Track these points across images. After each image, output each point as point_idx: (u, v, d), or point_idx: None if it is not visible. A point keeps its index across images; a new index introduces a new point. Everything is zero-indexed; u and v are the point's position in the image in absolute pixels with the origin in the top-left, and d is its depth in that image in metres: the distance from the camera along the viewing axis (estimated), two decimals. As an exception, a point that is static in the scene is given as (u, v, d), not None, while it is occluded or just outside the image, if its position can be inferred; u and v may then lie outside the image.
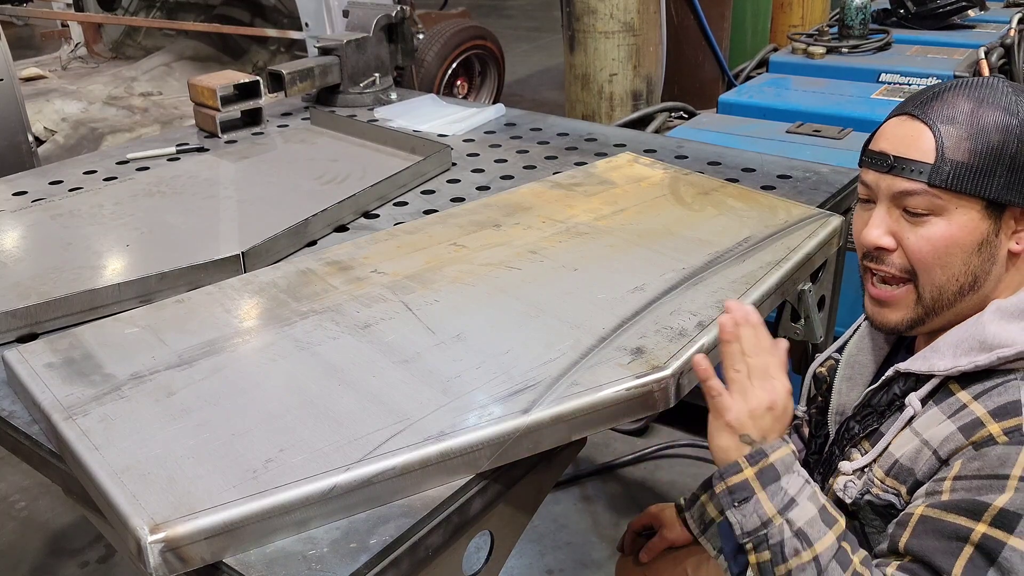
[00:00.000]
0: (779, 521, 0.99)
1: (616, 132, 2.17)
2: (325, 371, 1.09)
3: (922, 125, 1.04)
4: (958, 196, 1.02)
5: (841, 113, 2.77)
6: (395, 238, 1.46)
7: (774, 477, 1.01)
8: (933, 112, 1.04)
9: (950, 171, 1.01)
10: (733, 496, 1.02)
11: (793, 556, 0.98)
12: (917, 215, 1.04)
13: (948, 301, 1.07)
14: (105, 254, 1.50)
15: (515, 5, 10.31)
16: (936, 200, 1.03)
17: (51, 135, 4.42)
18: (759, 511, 1.00)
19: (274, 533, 0.89)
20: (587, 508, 2.56)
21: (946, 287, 1.06)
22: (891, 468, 1.06)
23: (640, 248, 1.39)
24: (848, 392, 1.23)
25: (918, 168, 1.03)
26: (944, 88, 1.07)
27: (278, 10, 5.05)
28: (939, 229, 1.04)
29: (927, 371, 1.06)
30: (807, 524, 0.99)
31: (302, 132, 2.15)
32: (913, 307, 1.09)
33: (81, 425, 1.00)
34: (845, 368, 1.24)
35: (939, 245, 1.04)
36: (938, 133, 1.03)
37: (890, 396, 1.11)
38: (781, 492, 1.00)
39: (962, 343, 1.04)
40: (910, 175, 1.03)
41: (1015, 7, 3.94)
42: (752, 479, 1.01)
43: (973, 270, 1.05)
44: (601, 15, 3.52)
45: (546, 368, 1.07)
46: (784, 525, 0.99)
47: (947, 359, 1.05)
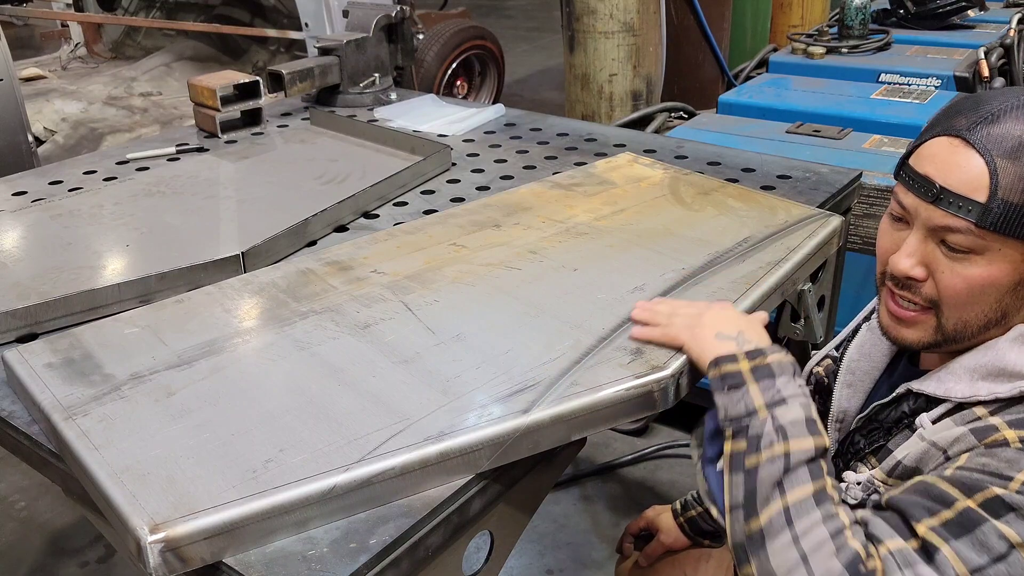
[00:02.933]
0: (764, 414, 0.95)
1: (616, 132, 2.17)
2: (325, 371, 1.09)
3: (977, 156, 0.95)
4: (1004, 238, 0.95)
5: (841, 113, 2.77)
6: (395, 238, 1.46)
7: (769, 375, 0.98)
8: (991, 141, 0.94)
9: (1001, 213, 0.93)
10: (724, 381, 0.99)
11: (766, 448, 0.94)
12: (956, 251, 0.97)
13: (972, 333, 1.02)
14: (105, 254, 1.50)
15: (515, 5, 10.31)
16: (980, 241, 0.95)
17: (51, 135, 4.42)
18: (747, 400, 0.97)
19: (274, 533, 0.89)
20: (587, 508, 2.56)
21: (972, 322, 1.01)
22: (893, 469, 1.03)
23: (640, 248, 1.39)
24: (849, 399, 1.20)
25: (967, 205, 0.94)
26: (1003, 109, 0.96)
27: (278, 10, 5.05)
28: (978, 269, 0.97)
29: (943, 395, 1.01)
30: (790, 423, 0.95)
31: (302, 132, 2.15)
32: (933, 332, 1.04)
33: (81, 425, 1.00)
34: (846, 374, 1.21)
35: (975, 285, 0.98)
36: (994, 169, 0.93)
37: (899, 414, 1.07)
38: (774, 388, 0.97)
39: (980, 368, 1.00)
40: (957, 211, 0.95)
41: (1015, 7, 3.94)
42: (747, 372, 0.99)
43: (1004, 307, 1.00)
44: (601, 15, 3.52)
45: (546, 368, 1.07)
46: (768, 419, 0.95)
47: (963, 384, 1.00)
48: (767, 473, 0.92)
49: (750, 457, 0.94)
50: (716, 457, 0.99)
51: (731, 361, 1.01)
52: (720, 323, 1.08)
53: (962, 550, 0.86)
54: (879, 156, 2.49)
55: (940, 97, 2.86)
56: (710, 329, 1.07)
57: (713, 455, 1.00)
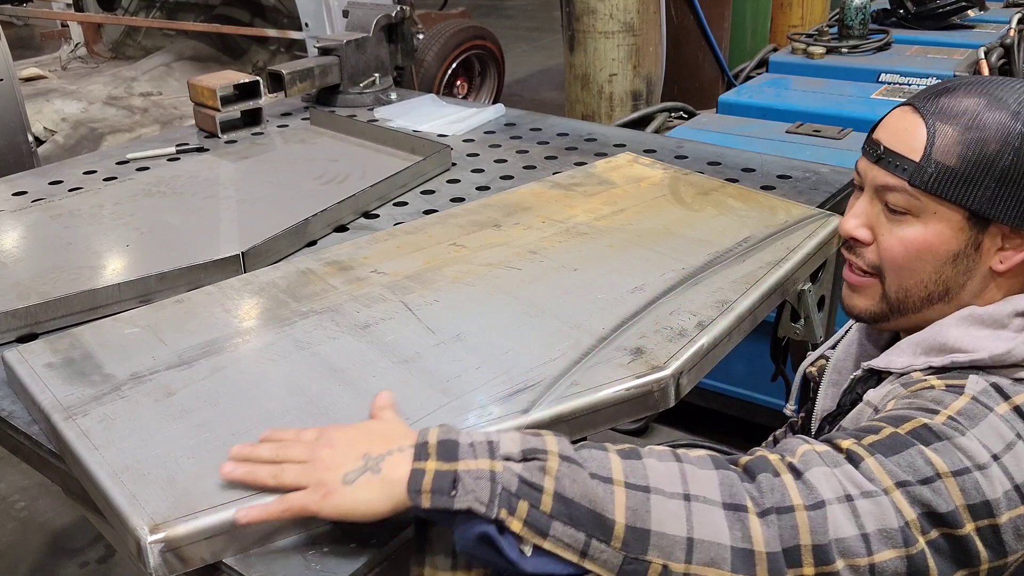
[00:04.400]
0: (499, 466, 0.80)
1: (616, 132, 2.17)
2: (325, 371, 1.09)
3: (919, 119, 0.99)
4: (938, 201, 0.97)
5: (841, 113, 2.77)
6: (395, 238, 1.46)
7: (452, 444, 0.82)
8: (936, 107, 0.99)
9: (933, 173, 0.96)
10: (442, 493, 0.79)
11: (542, 477, 0.79)
12: (896, 212, 1.00)
13: (914, 305, 1.04)
14: (105, 254, 1.50)
15: (515, 5, 10.30)
16: (915, 201, 0.98)
17: (51, 135, 4.42)
18: (475, 476, 0.79)
19: (274, 533, 0.89)
20: (587, 508, 2.56)
21: (912, 291, 1.03)
22: None
23: (640, 248, 1.39)
24: (833, 397, 1.20)
25: (903, 164, 0.98)
26: (961, 83, 1.01)
27: (278, 10, 5.05)
28: (914, 232, 1.00)
29: (884, 367, 1.04)
30: (523, 444, 0.82)
31: (302, 132, 2.15)
32: (878, 301, 1.06)
33: (81, 425, 1.00)
34: (831, 373, 1.22)
35: (911, 248, 1.00)
36: (932, 131, 0.97)
37: (853, 396, 1.09)
38: (472, 448, 0.81)
39: (922, 343, 1.02)
40: (894, 170, 0.99)
41: (1015, 7, 3.94)
42: (440, 465, 0.80)
43: (945, 280, 1.01)
44: (601, 15, 3.52)
45: (546, 368, 1.07)
46: (508, 464, 0.80)
47: (905, 357, 1.02)
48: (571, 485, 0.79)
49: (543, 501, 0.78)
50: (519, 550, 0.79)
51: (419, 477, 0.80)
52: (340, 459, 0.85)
53: (887, 464, 0.83)
54: (879, 156, 2.49)
55: (940, 97, 2.85)
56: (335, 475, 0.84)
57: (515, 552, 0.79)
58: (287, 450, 0.88)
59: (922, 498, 0.82)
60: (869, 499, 0.81)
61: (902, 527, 0.81)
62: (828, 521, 0.80)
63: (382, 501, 0.82)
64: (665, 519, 0.79)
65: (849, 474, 0.83)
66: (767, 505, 0.80)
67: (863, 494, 0.82)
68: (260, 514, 0.84)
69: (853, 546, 0.80)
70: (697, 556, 0.79)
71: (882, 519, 0.81)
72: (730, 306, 1.20)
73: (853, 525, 0.80)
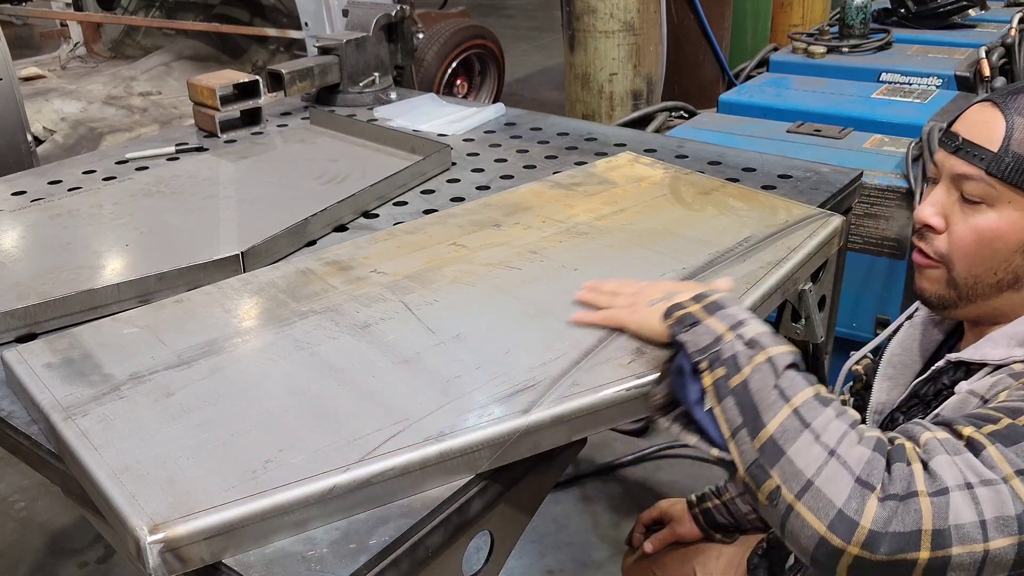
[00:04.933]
0: (730, 336, 0.96)
1: (616, 132, 2.17)
2: (325, 371, 1.09)
3: (998, 113, 1.04)
4: (1013, 189, 1.01)
5: (841, 113, 2.77)
6: (395, 238, 1.45)
7: (718, 307, 1.01)
8: (1015, 103, 1.03)
9: (1011, 163, 1.01)
10: (681, 324, 1.00)
11: (747, 363, 0.93)
12: (971, 202, 1.04)
13: (984, 292, 1.07)
14: (104, 254, 1.50)
15: (515, 5, 10.30)
16: (990, 190, 1.02)
17: (50, 135, 4.42)
18: (709, 330, 0.98)
19: (273, 533, 0.89)
20: (587, 508, 2.56)
21: (982, 278, 1.06)
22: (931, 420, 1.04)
23: (640, 248, 1.39)
24: (889, 391, 1.23)
25: (980, 154, 1.03)
26: None
27: (278, 10, 5.05)
28: (987, 220, 1.03)
29: (980, 360, 1.06)
30: (758, 335, 0.95)
31: (301, 132, 2.15)
32: (946, 285, 1.09)
33: (80, 425, 0.99)
34: (886, 367, 1.24)
35: (983, 236, 1.04)
36: (1011, 124, 1.02)
37: (938, 387, 1.11)
38: (729, 316, 0.99)
39: (1017, 335, 1.04)
40: (971, 159, 1.03)
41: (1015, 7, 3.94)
42: (699, 311, 1.01)
43: (1015, 268, 1.04)
44: (601, 15, 3.52)
45: (546, 368, 1.07)
46: (735, 339, 0.95)
47: (1001, 349, 1.04)
48: (758, 383, 0.91)
49: (733, 378, 0.93)
50: (700, 398, 0.97)
51: (679, 308, 1.03)
52: (653, 294, 1.12)
53: (1008, 453, 0.86)
54: (880, 156, 2.49)
55: (941, 96, 2.86)
56: (644, 302, 1.12)
57: (696, 397, 0.97)
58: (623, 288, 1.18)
59: None
60: (989, 487, 0.84)
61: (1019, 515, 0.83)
62: (949, 508, 0.82)
63: (657, 322, 1.06)
64: (802, 454, 0.86)
65: (970, 462, 0.86)
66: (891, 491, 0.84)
67: (983, 482, 0.84)
68: (587, 318, 1.16)
69: (971, 532, 0.82)
70: (807, 498, 0.85)
71: (1000, 507, 0.83)
72: (731, 306, 1.20)
73: (973, 512, 0.83)
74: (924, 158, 2.35)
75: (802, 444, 0.86)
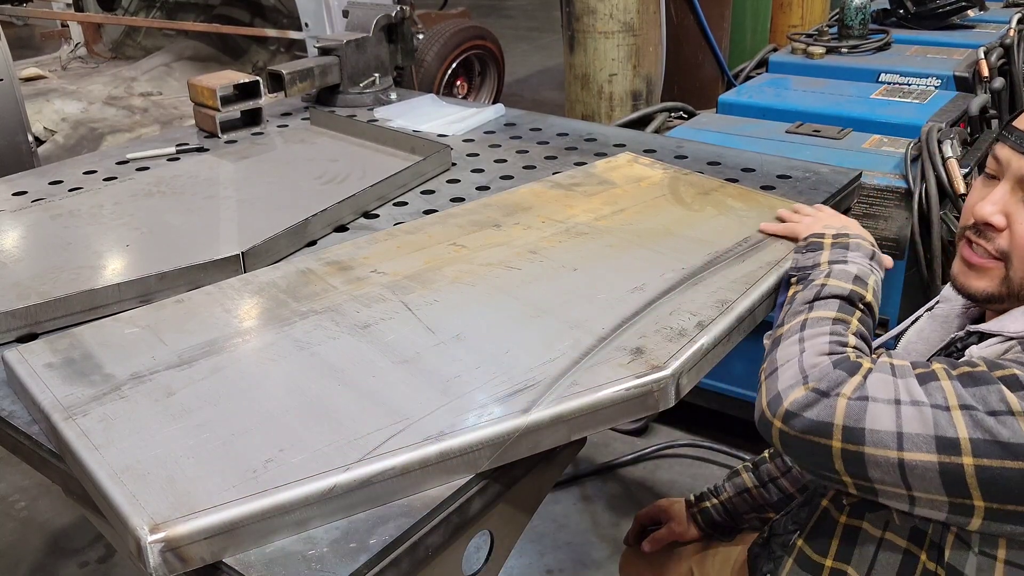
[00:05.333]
0: (825, 267, 1.15)
1: (616, 132, 2.17)
2: (325, 371, 1.09)
3: None
4: None
5: (841, 113, 2.77)
6: (395, 238, 1.46)
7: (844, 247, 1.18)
8: None
9: None
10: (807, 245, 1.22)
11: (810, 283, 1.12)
12: None
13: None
14: (105, 254, 1.50)
15: (515, 5, 10.31)
16: None
17: (51, 135, 4.42)
18: (816, 256, 1.18)
19: (274, 533, 0.89)
20: (587, 508, 2.56)
21: None
22: None
23: (640, 248, 1.39)
24: None
25: None
26: None
27: (278, 10, 5.05)
28: None
29: (996, 330, 1.07)
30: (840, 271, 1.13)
31: (302, 132, 2.15)
32: (999, 283, 1.09)
33: (81, 425, 1.00)
34: (900, 353, 1.26)
35: None
36: None
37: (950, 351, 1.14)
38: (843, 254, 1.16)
39: None
40: None
41: (1015, 7, 3.94)
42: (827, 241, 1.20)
43: None
44: (601, 15, 3.52)
45: (546, 368, 1.07)
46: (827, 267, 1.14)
47: (1019, 323, 1.05)
48: (804, 297, 1.11)
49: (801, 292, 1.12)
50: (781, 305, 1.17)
51: (819, 236, 1.23)
52: (834, 223, 1.30)
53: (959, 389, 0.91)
54: (879, 156, 2.49)
55: (940, 97, 2.86)
56: (822, 225, 1.30)
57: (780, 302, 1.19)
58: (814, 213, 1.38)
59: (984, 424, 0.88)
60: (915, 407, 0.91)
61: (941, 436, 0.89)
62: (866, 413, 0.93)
63: None
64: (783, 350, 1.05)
65: (909, 385, 0.93)
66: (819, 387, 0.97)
67: (913, 403, 0.92)
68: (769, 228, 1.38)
69: (884, 439, 0.92)
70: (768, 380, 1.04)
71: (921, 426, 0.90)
72: (730, 306, 1.20)
73: (892, 423, 0.92)
74: (923, 158, 2.35)
75: (789, 343, 1.05)
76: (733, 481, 1.54)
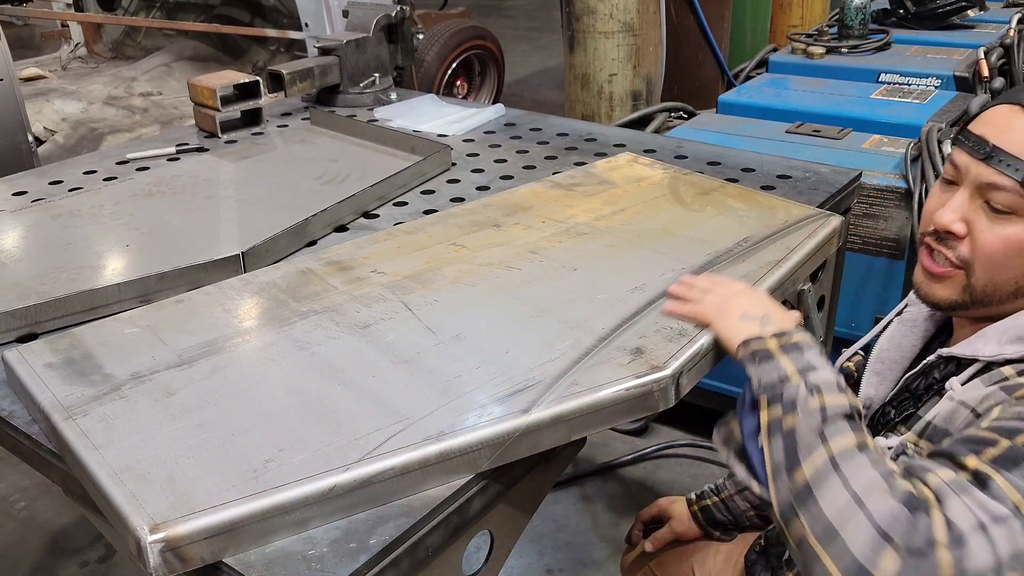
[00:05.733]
0: (797, 380, 0.97)
1: (616, 132, 2.17)
2: (325, 371, 1.09)
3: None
4: None
5: (841, 113, 2.77)
6: (395, 238, 1.46)
7: (797, 349, 1.01)
8: None
9: None
10: (755, 356, 1.02)
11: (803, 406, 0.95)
12: (998, 211, 1.01)
13: (1000, 298, 1.05)
14: (105, 254, 1.50)
15: (515, 5, 10.31)
16: (1022, 201, 1.00)
17: (51, 135, 4.42)
18: (779, 369, 0.99)
19: (274, 533, 0.89)
20: (587, 508, 2.56)
21: (1002, 286, 1.04)
22: (924, 430, 1.05)
23: (640, 248, 1.39)
24: (877, 386, 1.23)
25: (1015, 164, 0.99)
26: None
27: (278, 10, 5.05)
28: (1016, 230, 1.01)
29: (971, 355, 1.04)
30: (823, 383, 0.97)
31: (302, 132, 2.15)
32: (961, 291, 1.07)
33: (81, 425, 1.00)
34: (874, 363, 1.24)
35: (1011, 246, 1.01)
36: None
37: (929, 381, 1.10)
38: (803, 359, 1.00)
39: (1010, 331, 1.03)
40: (1004, 169, 1.00)
41: (1015, 7, 3.94)
42: (775, 349, 1.02)
43: None
44: (601, 15, 3.52)
45: (546, 368, 1.08)
46: (801, 383, 0.97)
47: (992, 345, 1.03)
48: (806, 427, 0.93)
49: (787, 419, 0.95)
50: (755, 432, 0.99)
51: (759, 340, 1.04)
52: (748, 305, 1.12)
53: (1014, 480, 0.86)
54: (879, 156, 2.49)
55: (940, 97, 2.86)
56: (737, 311, 1.11)
57: (751, 430, 1.00)
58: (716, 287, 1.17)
59: None
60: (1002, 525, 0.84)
61: None
62: (967, 556, 0.83)
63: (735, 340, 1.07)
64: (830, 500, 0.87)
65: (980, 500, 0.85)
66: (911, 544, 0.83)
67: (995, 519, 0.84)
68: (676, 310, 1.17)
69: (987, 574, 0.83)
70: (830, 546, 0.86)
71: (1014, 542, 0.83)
72: (730, 306, 1.20)
73: (989, 554, 0.83)
74: (923, 158, 2.35)
75: (830, 490, 0.87)
76: (734, 479, 1.54)
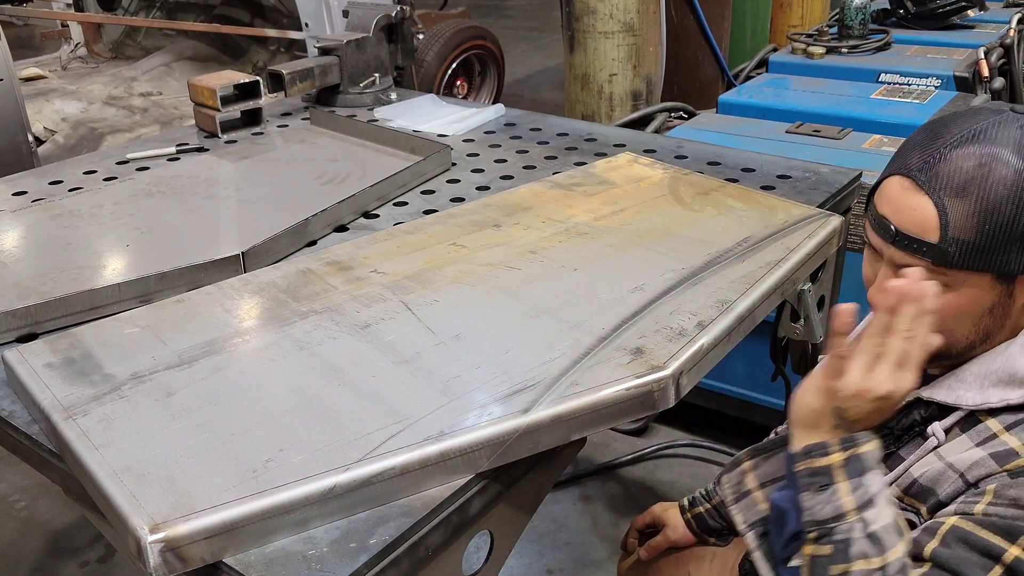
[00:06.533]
0: (854, 518, 0.91)
1: (616, 132, 2.17)
2: (325, 371, 1.09)
3: (923, 196, 0.99)
4: (965, 272, 0.98)
5: (841, 113, 2.77)
6: (395, 238, 1.46)
7: (860, 471, 0.94)
8: (939, 181, 0.98)
9: (955, 252, 0.97)
10: (814, 479, 0.94)
11: (859, 559, 0.90)
12: None
13: (957, 353, 1.05)
14: (105, 254, 1.50)
15: (515, 5, 10.31)
16: (941, 275, 0.98)
17: (51, 135, 4.42)
18: (836, 502, 0.93)
19: (274, 533, 0.89)
20: (587, 508, 2.56)
21: (954, 344, 1.04)
22: (910, 487, 1.04)
23: (640, 248, 1.39)
24: None
25: (920, 247, 0.99)
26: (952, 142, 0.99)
27: (278, 10, 5.05)
28: (945, 300, 0.99)
29: (953, 403, 1.03)
30: (883, 529, 0.92)
31: (302, 132, 2.15)
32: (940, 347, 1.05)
33: (81, 425, 1.00)
34: None
35: (947, 314, 1.00)
36: (942, 209, 0.97)
37: (909, 421, 1.08)
38: (863, 488, 0.93)
39: (991, 375, 1.01)
40: (913, 252, 0.99)
41: (1015, 7, 3.94)
42: (838, 466, 0.94)
43: (984, 328, 1.02)
44: (601, 15, 3.52)
45: (546, 368, 1.07)
46: (857, 524, 0.91)
47: (974, 391, 1.01)
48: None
49: (836, 566, 0.91)
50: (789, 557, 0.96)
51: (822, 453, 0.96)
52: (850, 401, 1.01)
53: None
54: (879, 156, 2.49)
55: (940, 97, 2.86)
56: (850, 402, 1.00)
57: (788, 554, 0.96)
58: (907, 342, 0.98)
59: None
60: None
61: None
62: None
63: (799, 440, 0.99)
64: None
65: None
66: None
67: None
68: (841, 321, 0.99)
69: None
70: None
71: None
72: (730, 306, 1.20)
73: None
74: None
75: None
76: None
